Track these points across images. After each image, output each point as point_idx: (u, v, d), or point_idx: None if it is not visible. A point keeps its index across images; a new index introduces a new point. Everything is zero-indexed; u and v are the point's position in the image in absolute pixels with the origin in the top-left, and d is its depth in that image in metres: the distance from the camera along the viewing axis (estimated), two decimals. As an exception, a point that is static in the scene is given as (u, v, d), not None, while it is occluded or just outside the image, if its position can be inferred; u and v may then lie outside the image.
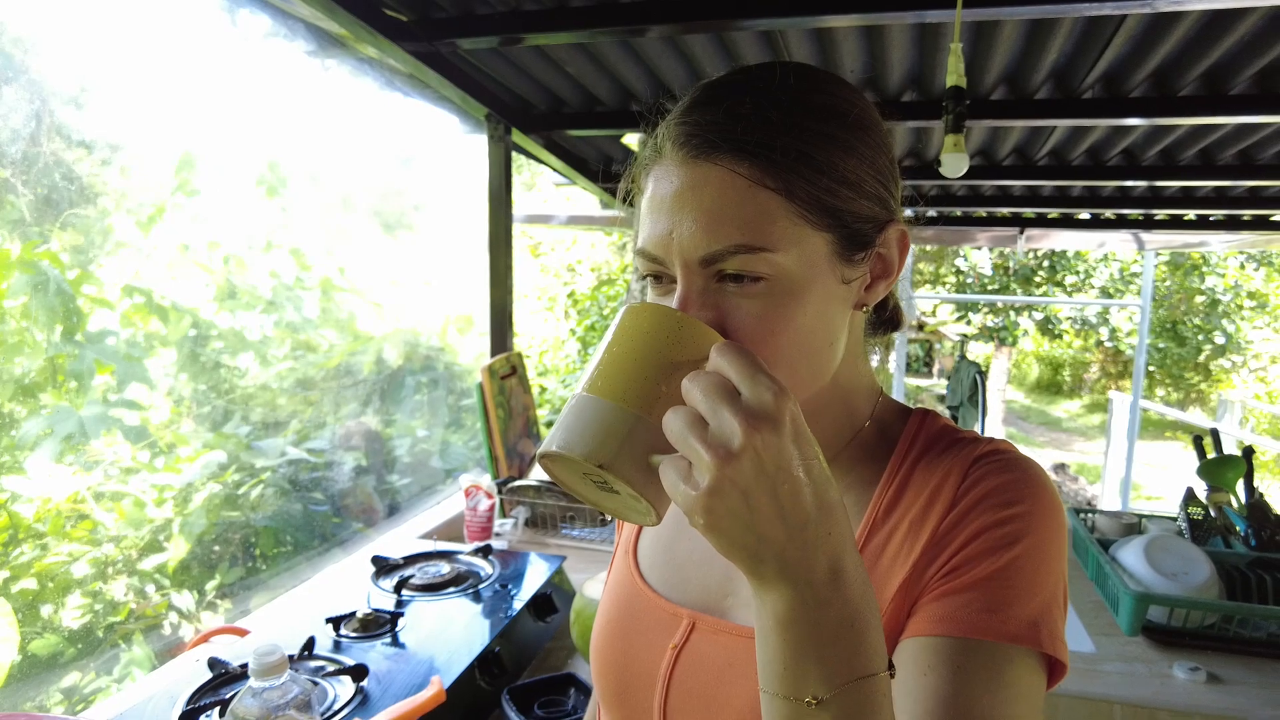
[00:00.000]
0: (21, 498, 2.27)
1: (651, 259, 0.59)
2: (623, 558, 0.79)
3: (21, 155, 2.84)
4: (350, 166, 4.72)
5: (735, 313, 0.57)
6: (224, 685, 1.18)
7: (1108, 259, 11.40)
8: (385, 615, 1.36)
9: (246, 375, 3.42)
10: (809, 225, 0.57)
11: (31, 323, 2.68)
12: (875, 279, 0.63)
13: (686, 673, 0.66)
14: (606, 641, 0.74)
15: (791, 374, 0.59)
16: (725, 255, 0.55)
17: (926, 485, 0.62)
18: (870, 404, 0.70)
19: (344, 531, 3.09)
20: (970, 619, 0.55)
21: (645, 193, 0.61)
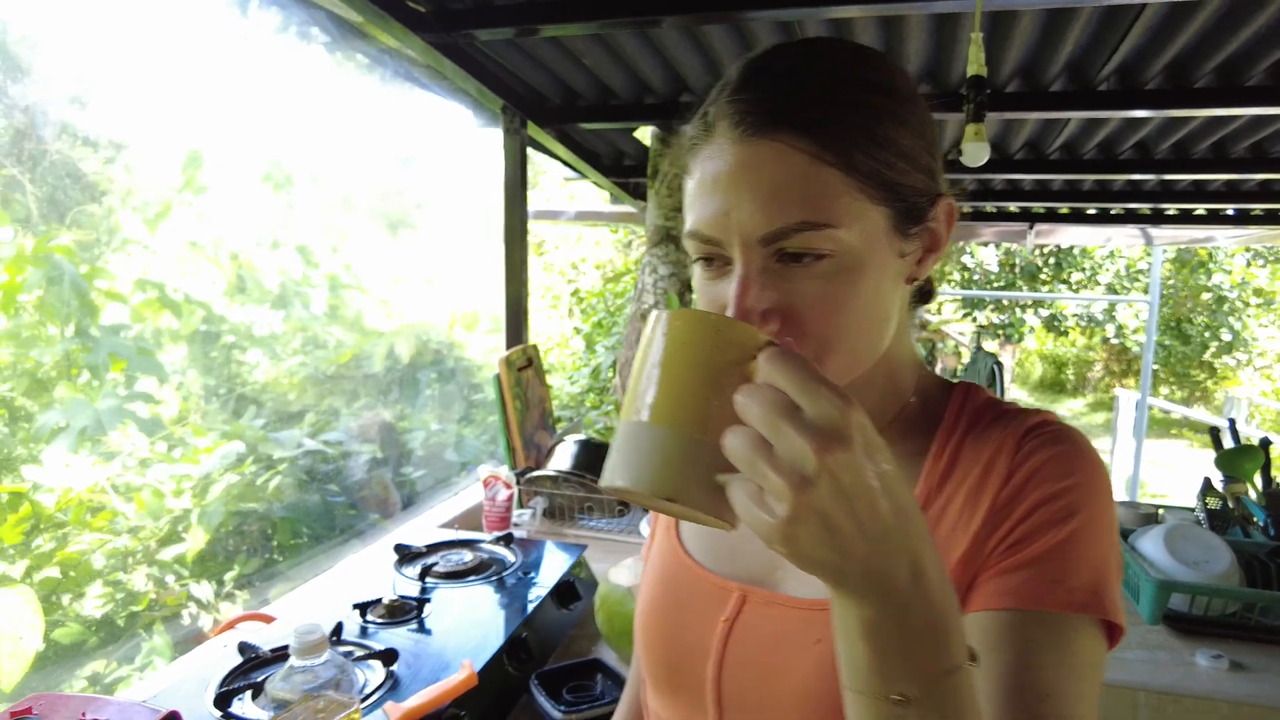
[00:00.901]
0: (43, 487, 2.28)
1: (706, 240, 0.58)
2: (665, 535, 0.79)
3: (28, 153, 2.85)
4: (357, 164, 4.73)
5: (797, 292, 0.56)
6: (254, 669, 1.18)
7: (1114, 255, 11.39)
8: (412, 601, 1.37)
9: (258, 368, 3.44)
10: (869, 200, 0.57)
11: (47, 317, 2.69)
12: (926, 253, 0.63)
13: (740, 645, 0.66)
14: (654, 618, 0.74)
15: (852, 352, 0.59)
16: (788, 233, 0.55)
17: (979, 458, 0.63)
18: (914, 378, 0.70)
19: (361, 523, 3.10)
20: (1037, 591, 0.56)
21: (694, 175, 0.60)
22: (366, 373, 3.79)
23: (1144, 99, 2.23)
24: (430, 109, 4.89)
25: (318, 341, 3.75)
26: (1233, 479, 2.09)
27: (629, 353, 5.23)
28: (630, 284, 7.31)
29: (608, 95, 2.52)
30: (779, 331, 0.57)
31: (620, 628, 1.36)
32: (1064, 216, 4.55)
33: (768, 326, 0.56)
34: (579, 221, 5.90)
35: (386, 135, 4.83)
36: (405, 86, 2.28)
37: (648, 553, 0.88)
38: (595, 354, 7.19)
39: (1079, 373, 14.34)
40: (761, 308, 0.56)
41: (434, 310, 4.96)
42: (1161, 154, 2.99)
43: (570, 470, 2.06)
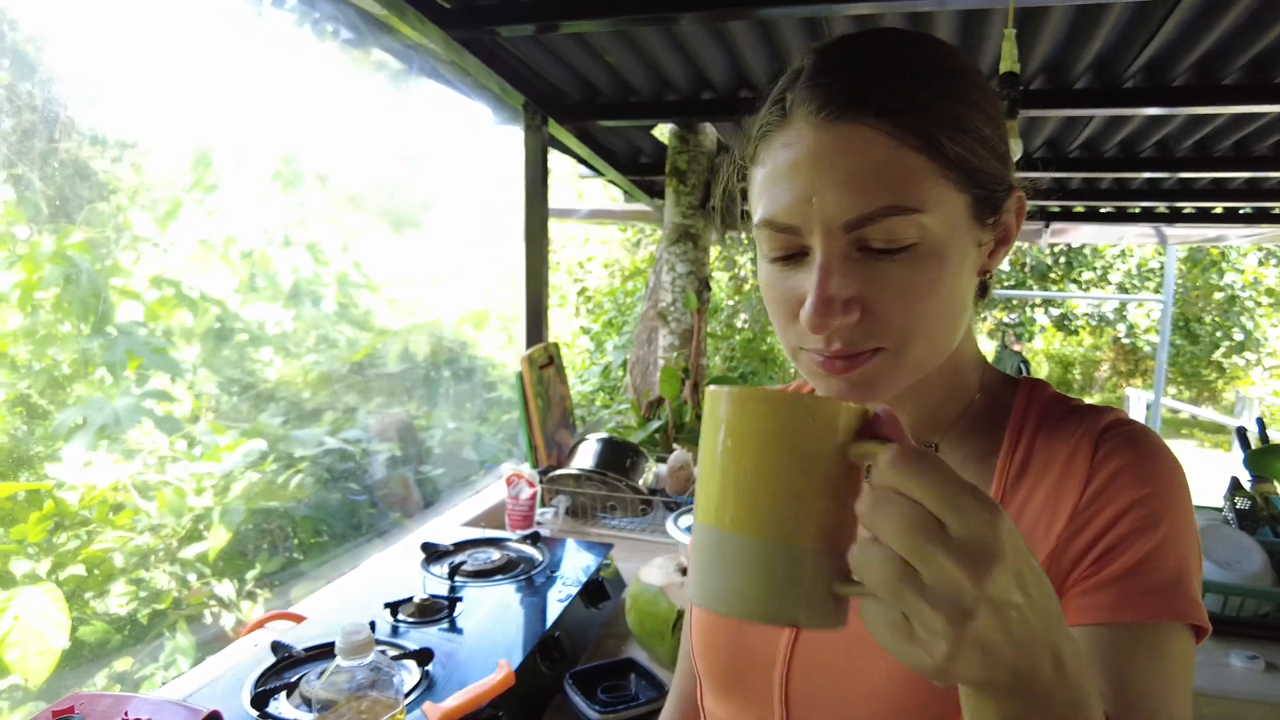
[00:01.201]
0: (66, 485, 2.28)
1: (783, 229, 0.57)
2: None
3: (38, 152, 2.85)
4: (365, 163, 4.73)
5: (880, 281, 0.55)
6: (288, 669, 1.17)
7: (1125, 255, 11.35)
8: (442, 600, 1.36)
9: (272, 365, 3.44)
10: (952, 186, 0.55)
11: (63, 314, 2.69)
12: (998, 245, 0.62)
13: (812, 649, 0.65)
14: (717, 620, 0.73)
15: (930, 343, 0.58)
16: (874, 218, 0.53)
17: (1054, 457, 0.62)
18: (978, 373, 0.69)
19: (382, 521, 3.10)
20: (1133, 604, 0.55)
21: (764, 165, 0.58)
22: (382, 371, 3.79)
23: (1172, 96, 2.21)
24: (440, 108, 4.90)
25: (329, 340, 3.74)
26: (1261, 478, 2.08)
27: (640, 351, 5.23)
28: (641, 282, 7.31)
29: (628, 92, 2.51)
30: (860, 321, 0.55)
31: (652, 627, 1.35)
32: (1079, 215, 4.53)
33: (849, 316, 0.55)
34: (591, 220, 5.90)
35: (395, 134, 4.83)
36: (427, 83, 2.28)
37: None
38: (605, 353, 7.18)
39: (1086, 372, 14.29)
40: (844, 296, 0.55)
41: (443, 309, 4.95)
42: (1183, 152, 2.97)
43: (593, 469, 2.05)
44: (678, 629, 1.32)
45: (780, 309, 0.60)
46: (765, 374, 7.83)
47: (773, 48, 2.17)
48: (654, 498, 2.08)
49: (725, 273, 8.47)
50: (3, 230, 2.67)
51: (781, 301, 0.60)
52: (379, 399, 3.71)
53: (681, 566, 1.43)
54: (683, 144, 3.02)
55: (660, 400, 2.81)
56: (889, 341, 0.56)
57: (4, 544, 2.13)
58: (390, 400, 3.76)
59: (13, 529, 2.15)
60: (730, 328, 8.36)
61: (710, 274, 3.18)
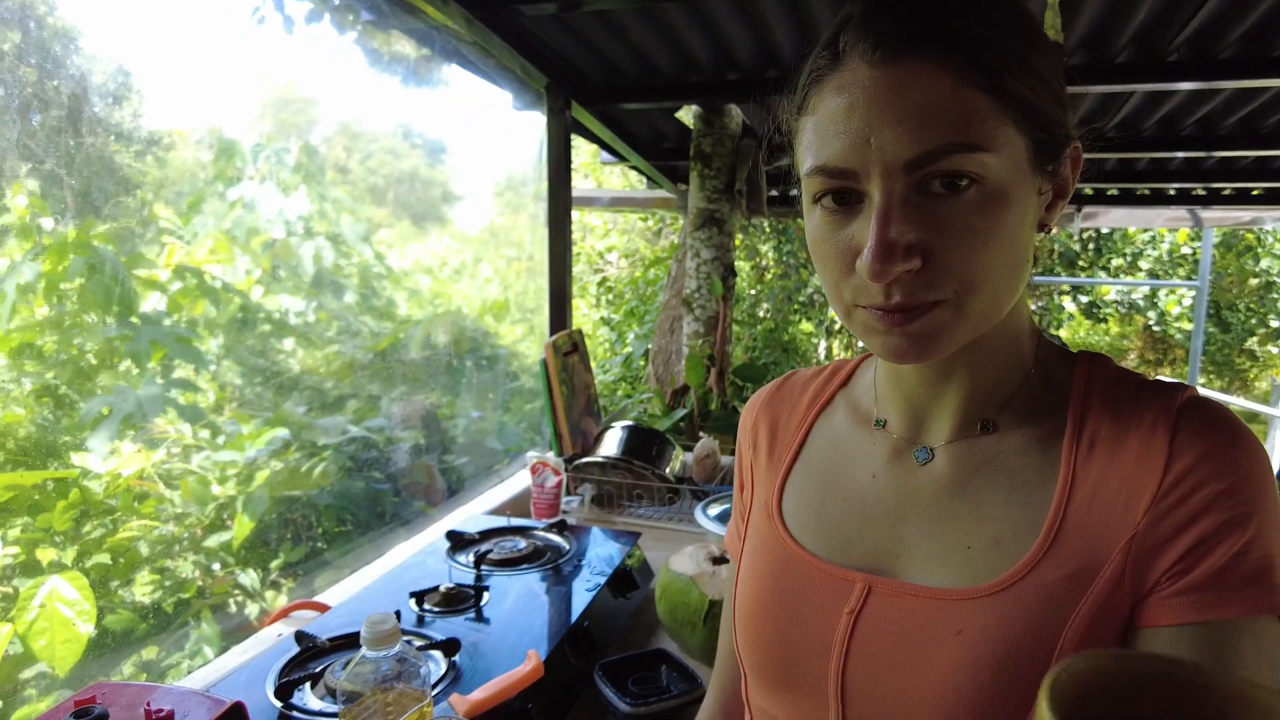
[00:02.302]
0: (92, 474, 2.28)
1: (837, 173, 0.54)
2: (766, 522, 0.73)
3: (64, 147, 2.86)
4: (388, 155, 4.72)
5: (942, 225, 0.52)
6: (312, 659, 1.15)
7: (1156, 240, 11.13)
8: (469, 590, 1.33)
9: (295, 356, 3.44)
10: (1014, 127, 0.53)
11: (88, 305, 2.70)
12: (1055, 198, 0.59)
13: (869, 638, 0.61)
14: (765, 611, 0.69)
15: (993, 296, 0.55)
16: (937, 155, 0.51)
17: (1126, 437, 0.57)
18: (1033, 345, 0.65)
19: (406, 510, 3.09)
20: (1232, 600, 0.52)
21: (815, 112, 0.56)
22: (405, 360, 3.79)
23: (1218, 69, 2.13)
24: (461, 98, 4.88)
25: (351, 330, 3.75)
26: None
27: (662, 341, 5.19)
28: (663, 271, 7.26)
29: (652, 73, 2.46)
30: (921, 270, 0.52)
31: (684, 618, 1.31)
32: (1113, 198, 4.42)
33: (910, 262, 0.52)
34: (611, 209, 5.85)
35: (416, 127, 4.83)
36: (448, 71, 2.25)
37: (735, 542, 0.82)
38: (626, 343, 7.15)
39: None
40: (905, 241, 0.52)
41: (464, 299, 4.95)
42: (1226, 129, 2.87)
43: (619, 456, 2.01)
44: (710, 620, 1.28)
45: (833, 262, 0.57)
46: (787, 363, 7.76)
47: (802, 25, 2.11)
48: (681, 486, 2.05)
49: (747, 262, 8.40)
50: (28, 222, 2.68)
51: (835, 254, 0.57)
52: (402, 388, 3.71)
53: (712, 555, 1.39)
54: (707, 127, 2.96)
55: (685, 388, 2.77)
56: (950, 292, 0.53)
57: (31, 532, 2.14)
58: (413, 389, 3.75)
59: (39, 517, 2.16)
60: (752, 317, 8.29)
61: (735, 260, 3.13)
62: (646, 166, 3.52)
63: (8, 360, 2.47)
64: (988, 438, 0.63)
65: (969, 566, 0.59)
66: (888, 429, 0.69)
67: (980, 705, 0.55)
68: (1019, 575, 0.56)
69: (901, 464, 0.67)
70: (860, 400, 0.74)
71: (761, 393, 0.83)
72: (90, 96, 3.02)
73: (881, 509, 0.66)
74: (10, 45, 2.78)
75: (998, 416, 0.63)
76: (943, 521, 0.62)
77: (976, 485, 0.62)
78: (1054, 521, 0.57)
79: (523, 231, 5.46)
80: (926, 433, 0.66)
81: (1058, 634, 0.54)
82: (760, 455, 0.78)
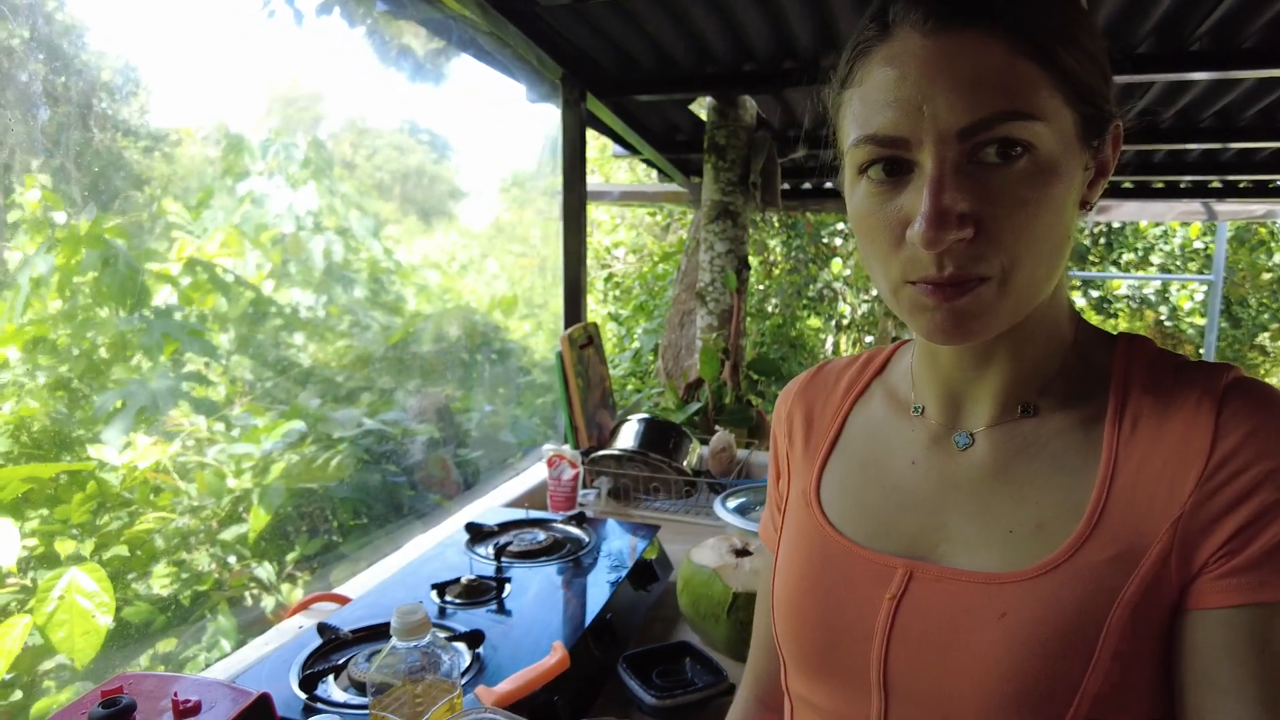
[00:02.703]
0: (107, 465, 2.28)
1: (888, 142, 0.54)
2: (804, 510, 0.73)
3: (73, 143, 2.86)
4: (395, 151, 4.72)
5: (993, 195, 0.52)
6: (334, 651, 1.14)
7: (1168, 235, 11.05)
8: (490, 581, 1.32)
9: (306, 349, 3.44)
10: (1063, 100, 0.53)
11: (101, 299, 2.70)
12: (1097, 175, 0.59)
13: (911, 623, 0.61)
14: (804, 599, 0.68)
15: (1035, 271, 0.55)
16: (991, 123, 0.51)
17: (1169, 418, 0.57)
18: (1072, 327, 0.65)
19: (421, 503, 3.09)
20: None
21: (864, 83, 0.57)
22: (417, 354, 3.79)
23: (1240, 59, 2.10)
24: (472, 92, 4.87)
25: (361, 324, 3.75)
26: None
27: (672, 335, 5.17)
28: (672, 266, 7.24)
29: (667, 65, 2.45)
30: (972, 241, 0.52)
31: (706, 610, 1.30)
32: (1127, 191, 4.39)
33: (963, 231, 0.52)
34: (621, 203, 5.83)
35: (424, 122, 4.82)
36: (460, 65, 2.24)
37: (771, 532, 0.82)
38: (635, 339, 7.13)
39: (1124, 357, 13.90)
40: (959, 210, 0.52)
41: (472, 295, 4.95)
42: (1246, 120, 2.84)
43: (636, 449, 2.00)
44: (733, 612, 1.27)
45: (881, 235, 0.57)
46: (795, 359, 7.74)
47: (820, 15, 2.09)
48: (699, 479, 2.04)
49: (755, 257, 8.37)
50: (41, 216, 2.68)
51: (883, 227, 0.56)
52: (415, 381, 3.72)
53: (734, 547, 1.38)
54: (721, 119, 2.94)
55: (699, 382, 2.76)
56: (998, 268, 0.53)
57: (49, 524, 2.14)
58: (426, 383, 3.76)
59: (57, 509, 2.16)
60: (760, 312, 8.26)
61: (748, 254, 3.12)
62: (659, 159, 3.50)
63: (22, 353, 2.47)
64: (1028, 421, 0.63)
65: (1011, 550, 0.59)
66: (925, 415, 0.69)
67: (1024, 688, 0.54)
68: (1063, 558, 0.56)
69: (941, 450, 0.67)
70: (897, 387, 0.73)
71: (796, 382, 0.83)
72: (98, 92, 3.02)
73: (921, 495, 0.66)
74: (19, 41, 2.78)
75: (1038, 399, 0.63)
76: (984, 506, 0.62)
77: (1017, 469, 0.62)
78: (1097, 503, 0.56)
79: (530, 227, 5.46)
80: (965, 418, 0.66)
81: (1104, 617, 0.53)
82: (796, 445, 0.78)
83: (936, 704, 0.59)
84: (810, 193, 4.92)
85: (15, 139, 2.67)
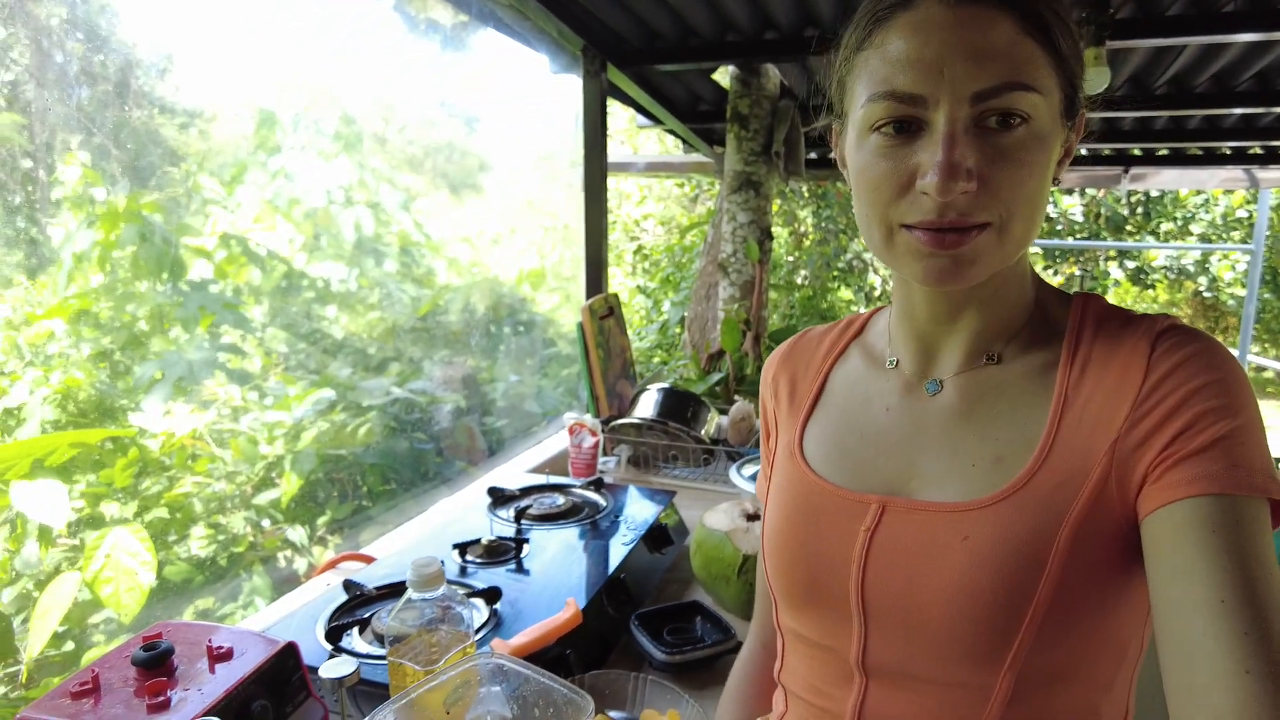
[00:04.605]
0: (147, 432, 2.38)
1: (907, 99, 0.59)
2: (789, 460, 0.79)
3: (112, 121, 2.93)
4: (425, 124, 4.74)
5: (995, 155, 0.58)
6: (359, 606, 1.20)
7: (1209, 204, 10.75)
8: (509, 542, 1.37)
9: (337, 321, 3.51)
10: (1054, 79, 0.60)
11: (139, 272, 2.78)
12: (1064, 155, 0.65)
13: (884, 551, 0.67)
14: (788, 536, 0.74)
15: (1025, 228, 0.61)
16: (1000, 91, 0.57)
17: (1113, 358, 0.63)
18: (1034, 287, 0.72)
19: (448, 469, 3.17)
20: (1227, 476, 0.55)
21: (883, 45, 0.61)
22: (445, 326, 3.85)
23: (1278, 19, 2.04)
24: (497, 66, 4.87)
25: (391, 297, 3.81)
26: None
27: (698, 308, 5.18)
28: (699, 238, 7.22)
29: (688, 34, 2.44)
30: (975, 193, 0.58)
31: (718, 571, 1.34)
32: (1163, 158, 4.28)
33: (970, 184, 0.58)
34: (647, 174, 5.82)
35: (452, 95, 4.83)
36: (483, 39, 2.26)
37: (764, 485, 0.88)
38: (662, 311, 7.14)
39: (1162, 329, 13.57)
40: (967, 165, 0.58)
41: (501, 268, 5.00)
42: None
43: (655, 418, 2.04)
44: (744, 573, 1.31)
45: (886, 184, 0.62)
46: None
47: (839, -19, 2.08)
48: (716, 447, 2.07)
49: (785, 228, 8.31)
50: (82, 192, 2.76)
51: (889, 177, 0.61)
52: (443, 352, 3.79)
53: (746, 512, 1.42)
54: (744, 88, 2.93)
55: (721, 353, 2.77)
56: (996, 217, 0.59)
57: (95, 487, 2.25)
58: (453, 354, 3.82)
59: (102, 473, 2.27)
60: (790, 284, 8.22)
61: (772, 224, 3.11)
62: (682, 129, 3.50)
63: (67, 326, 2.57)
64: (992, 367, 0.70)
65: (974, 481, 0.65)
66: (900, 367, 0.75)
67: (985, 601, 0.61)
68: (1018, 486, 0.62)
69: (913, 396, 0.73)
70: (874, 345, 0.80)
71: (779, 349, 0.90)
72: (134, 70, 3.08)
73: (895, 438, 0.72)
74: (58, 21, 2.85)
75: (1002, 350, 0.70)
76: (951, 445, 0.69)
77: (981, 410, 0.68)
78: (1048, 437, 0.63)
79: (558, 201, 5.48)
80: (936, 367, 0.73)
81: (1053, 535, 0.60)
82: (782, 404, 0.85)
83: (909, 622, 0.65)
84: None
85: (55, 118, 2.75)
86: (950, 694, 0.64)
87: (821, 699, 0.73)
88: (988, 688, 0.62)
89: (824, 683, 0.73)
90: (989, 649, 0.61)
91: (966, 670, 0.62)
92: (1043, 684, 0.62)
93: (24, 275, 2.71)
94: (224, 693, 0.82)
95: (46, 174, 2.76)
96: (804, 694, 0.76)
